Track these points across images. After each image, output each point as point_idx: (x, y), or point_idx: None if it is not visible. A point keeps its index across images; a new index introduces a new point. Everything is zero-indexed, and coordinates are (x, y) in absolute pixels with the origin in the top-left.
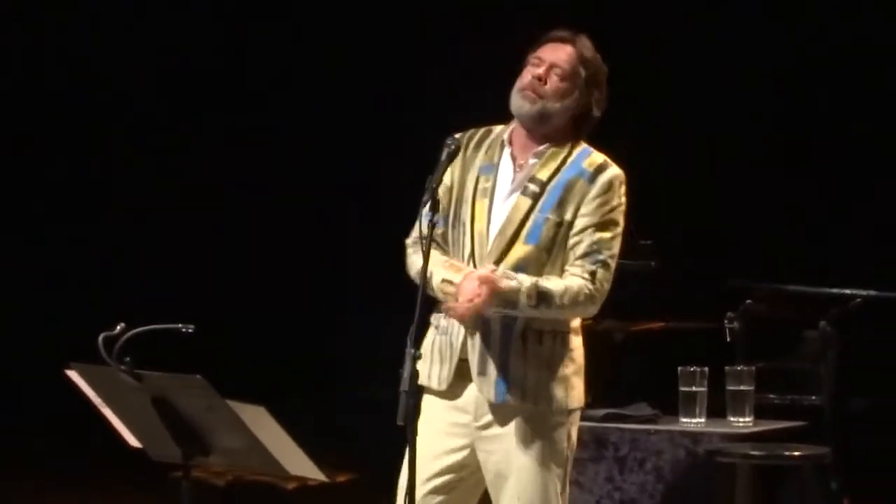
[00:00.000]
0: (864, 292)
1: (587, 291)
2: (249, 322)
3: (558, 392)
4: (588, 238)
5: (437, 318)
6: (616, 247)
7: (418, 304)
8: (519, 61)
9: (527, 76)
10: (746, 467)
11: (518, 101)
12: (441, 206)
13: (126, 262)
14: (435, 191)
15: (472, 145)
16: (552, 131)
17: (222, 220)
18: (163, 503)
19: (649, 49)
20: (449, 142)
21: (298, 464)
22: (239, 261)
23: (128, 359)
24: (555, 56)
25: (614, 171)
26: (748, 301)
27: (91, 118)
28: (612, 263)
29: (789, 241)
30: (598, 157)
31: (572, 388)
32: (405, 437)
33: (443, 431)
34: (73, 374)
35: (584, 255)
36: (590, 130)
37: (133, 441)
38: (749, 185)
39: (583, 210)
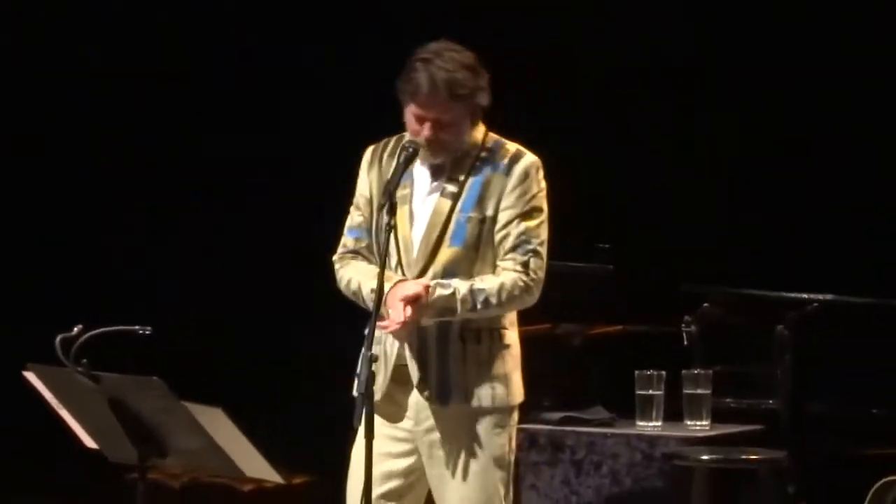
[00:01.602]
0: (820, 296)
1: (521, 284)
2: (212, 323)
3: (500, 390)
4: (514, 230)
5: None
6: (544, 233)
7: (374, 307)
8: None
9: (416, 131)
10: (703, 471)
11: (428, 156)
12: (363, 219)
13: (88, 263)
14: (392, 194)
15: (385, 155)
16: (462, 146)
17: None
18: None
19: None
20: (407, 144)
21: (255, 465)
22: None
23: (85, 360)
24: (432, 111)
25: (529, 158)
26: (705, 305)
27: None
28: (543, 250)
29: (746, 246)
30: (510, 148)
31: (512, 383)
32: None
33: (386, 437)
34: (30, 376)
35: (514, 248)
36: (483, 114)
37: (89, 442)
38: (706, 188)
39: (504, 203)
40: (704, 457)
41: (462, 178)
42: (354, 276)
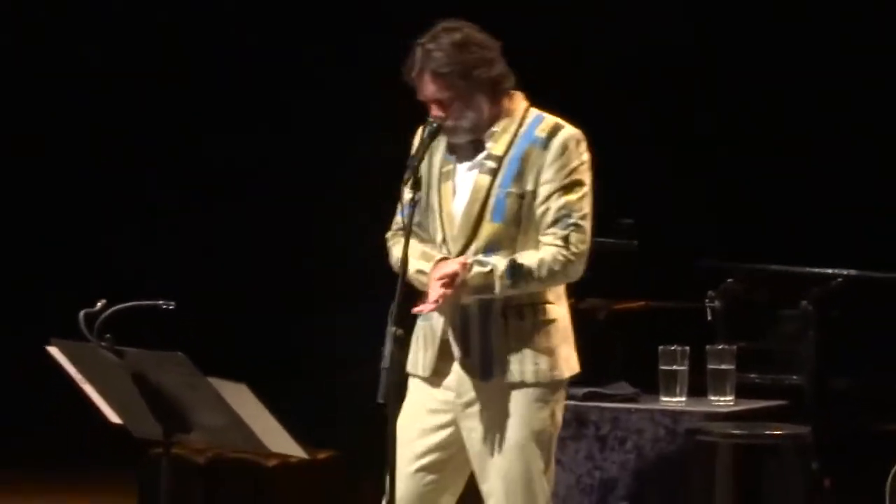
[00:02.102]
0: (845, 272)
1: (562, 258)
2: (234, 303)
3: (543, 365)
4: (554, 204)
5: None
6: (586, 206)
7: (399, 282)
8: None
9: (432, 117)
10: (727, 446)
11: (448, 137)
12: (420, 196)
13: (110, 241)
14: (416, 168)
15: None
16: (485, 122)
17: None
18: (142, 480)
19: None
20: (431, 119)
21: (279, 441)
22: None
23: (108, 335)
24: (428, 93)
25: (568, 131)
26: (729, 280)
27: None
28: (585, 224)
29: (771, 221)
30: (550, 121)
31: (559, 357)
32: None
33: (427, 409)
34: (53, 351)
35: (555, 222)
36: (507, 83)
37: (114, 418)
38: (730, 162)
39: (543, 177)
40: (728, 432)
41: (501, 153)
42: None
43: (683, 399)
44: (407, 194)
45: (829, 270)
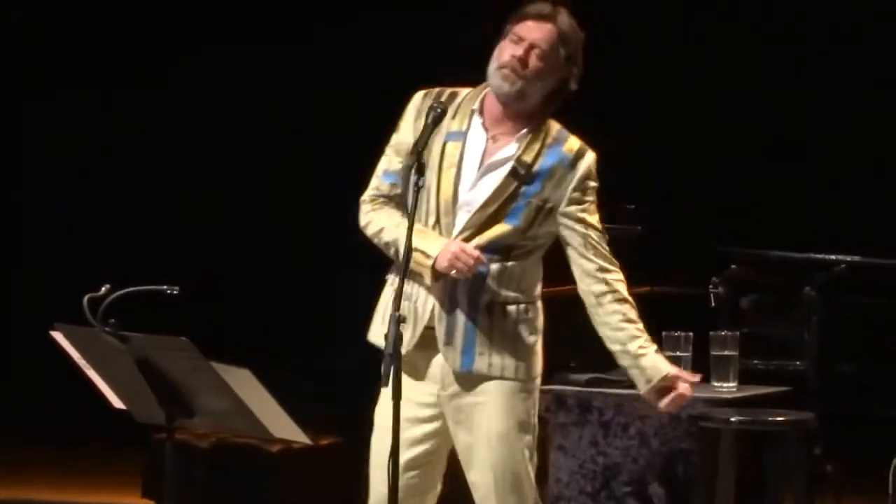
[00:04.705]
0: (848, 258)
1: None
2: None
3: (523, 362)
4: (591, 224)
5: (395, 280)
6: None
7: (403, 268)
8: (497, 31)
9: (506, 54)
10: (730, 433)
11: (497, 81)
12: (403, 167)
13: (112, 224)
14: (421, 154)
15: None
16: (528, 108)
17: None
18: (146, 465)
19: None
20: (436, 105)
21: (283, 426)
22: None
23: (112, 320)
24: (535, 35)
25: (591, 155)
26: (733, 266)
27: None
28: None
29: (774, 207)
30: (574, 143)
31: (535, 356)
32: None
33: (414, 402)
34: (57, 336)
35: (600, 238)
36: (556, 105)
37: (117, 403)
38: (734, 148)
39: (570, 197)
40: (732, 418)
41: (530, 160)
42: (389, 226)
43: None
44: (412, 177)
45: (833, 256)
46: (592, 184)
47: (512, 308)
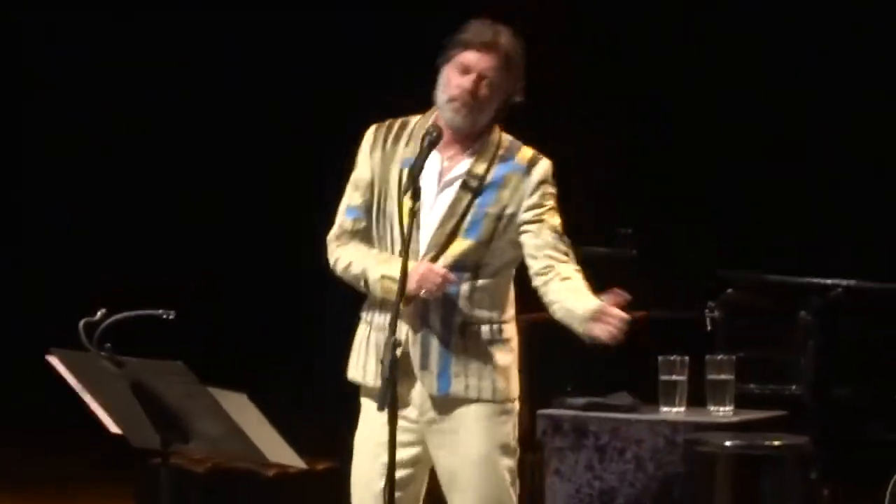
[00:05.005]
0: (844, 282)
1: (576, 270)
2: (229, 308)
3: (500, 383)
4: (548, 226)
5: (370, 315)
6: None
7: (398, 292)
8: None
9: (454, 86)
10: (726, 457)
11: (449, 114)
12: (363, 201)
13: (108, 248)
14: (417, 178)
15: (390, 138)
16: (479, 129)
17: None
18: (141, 490)
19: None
20: (430, 129)
21: (278, 451)
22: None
23: (108, 345)
24: (482, 65)
25: (546, 161)
26: (729, 290)
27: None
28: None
29: (771, 231)
30: (527, 152)
31: (512, 377)
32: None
33: (384, 426)
34: (53, 360)
35: (556, 238)
36: (510, 114)
37: (113, 427)
38: (730, 173)
39: (527, 203)
40: (728, 443)
41: (482, 172)
42: (357, 259)
43: (683, 409)
44: (406, 204)
45: (829, 280)
46: (550, 189)
47: (485, 328)
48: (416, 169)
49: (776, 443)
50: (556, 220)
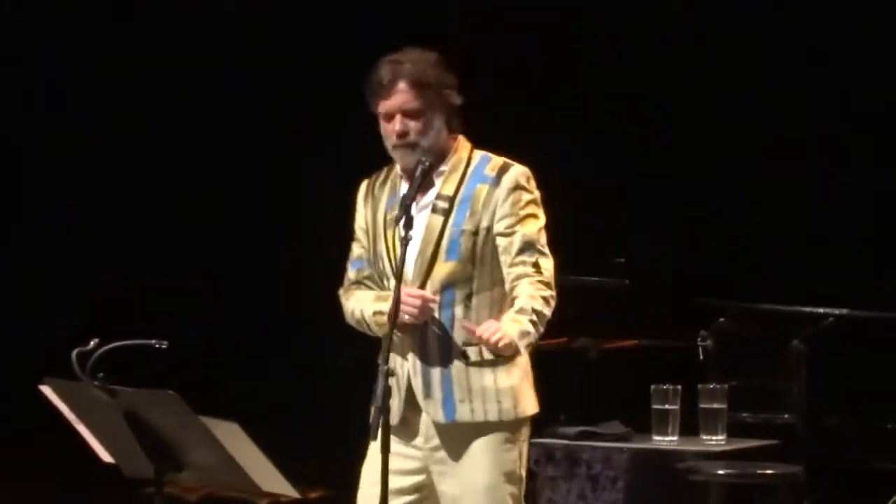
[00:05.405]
0: (836, 311)
1: (541, 286)
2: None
3: (506, 403)
4: (517, 237)
5: (384, 368)
6: (544, 238)
7: (391, 320)
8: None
9: (388, 135)
10: (719, 486)
11: (399, 159)
12: (363, 250)
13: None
14: (408, 207)
15: (377, 184)
16: (441, 148)
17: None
18: None
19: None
20: (423, 159)
21: (271, 480)
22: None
23: (101, 374)
24: (396, 103)
25: (518, 168)
26: (721, 319)
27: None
28: (548, 252)
29: (763, 259)
30: (498, 161)
31: (521, 395)
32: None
33: (397, 454)
34: (46, 390)
35: (521, 251)
36: (459, 117)
37: (106, 456)
38: (721, 203)
39: (499, 213)
40: (720, 471)
41: (452, 192)
42: (356, 304)
43: (675, 438)
44: (400, 233)
45: (821, 309)
46: (524, 196)
47: (487, 349)
48: (407, 198)
49: (769, 471)
50: (530, 227)
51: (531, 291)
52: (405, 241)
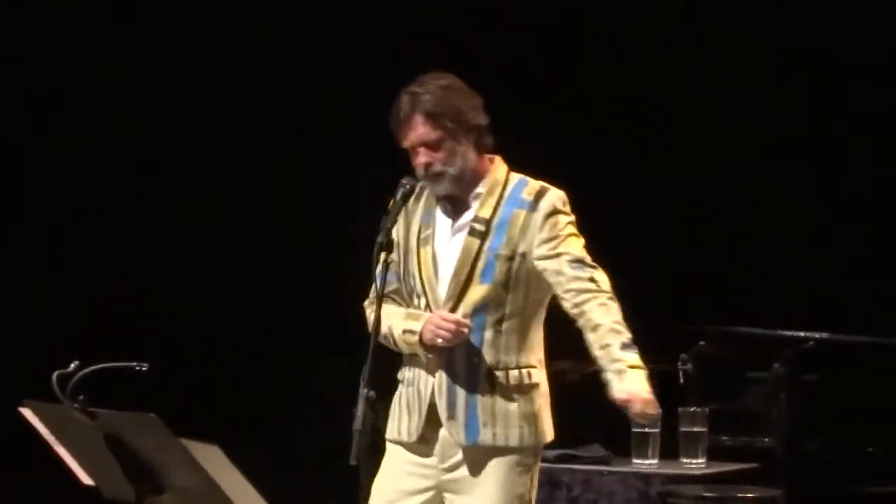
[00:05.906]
0: (816, 334)
1: (610, 309)
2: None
3: (527, 429)
4: (564, 256)
5: (402, 373)
6: (588, 255)
7: (372, 343)
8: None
9: (416, 167)
10: None
11: (430, 188)
12: (393, 262)
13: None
14: (389, 231)
15: (413, 198)
16: (469, 174)
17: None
18: None
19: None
20: (404, 181)
21: (252, 503)
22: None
23: (82, 397)
24: (415, 136)
25: (555, 193)
26: (701, 343)
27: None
28: (597, 265)
29: (743, 283)
30: (535, 185)
31: (541, 422)
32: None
33: (406, 472)
34: (26, 412)
35: (574, 269)
36: (489, 137)
37: (86, 479)
38: (703, 226)
39: (538, 238)
40: (700, 495)
41: (488, 216)
42: (385, 319)
43: (655, 461)
44: (381, 255)
45: (801, 333)
46: (563, 218)
47: (513, 373)
48: (389, 222)
49: (749, 495)
50: (573, 247)
51: (611, 320)
52: (386, 265)
